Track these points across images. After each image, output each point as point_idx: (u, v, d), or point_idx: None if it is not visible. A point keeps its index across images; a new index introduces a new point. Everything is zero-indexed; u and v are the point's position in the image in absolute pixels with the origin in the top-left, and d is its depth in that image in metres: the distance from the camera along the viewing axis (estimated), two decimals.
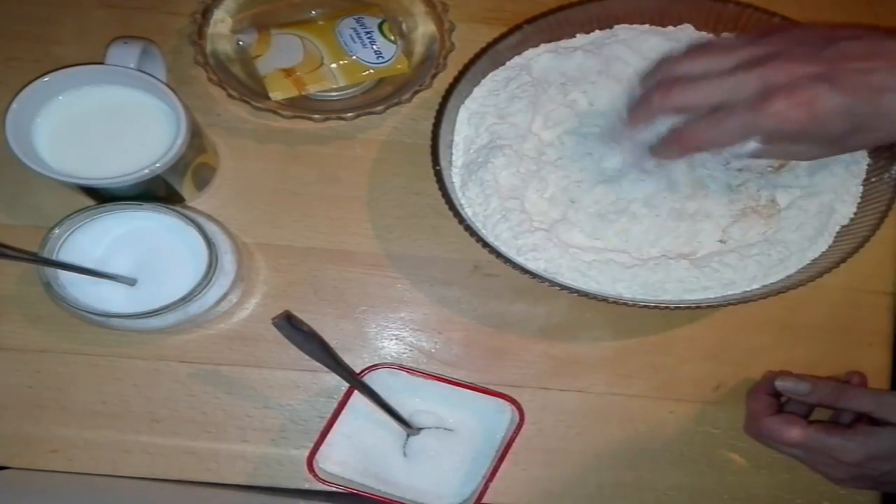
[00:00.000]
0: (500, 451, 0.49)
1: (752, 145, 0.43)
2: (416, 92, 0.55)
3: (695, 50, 0.46)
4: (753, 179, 0.52)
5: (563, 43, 0.57)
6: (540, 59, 0.56)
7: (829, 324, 0.56)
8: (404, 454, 0.51)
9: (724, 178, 0.52)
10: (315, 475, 0.47)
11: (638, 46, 0.55)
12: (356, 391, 0.48)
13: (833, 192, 0.51)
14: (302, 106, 0.56)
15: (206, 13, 0.56)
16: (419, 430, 0.51)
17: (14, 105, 0.46)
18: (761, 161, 0.52)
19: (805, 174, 0.53)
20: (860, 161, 0.52)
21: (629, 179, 0.51)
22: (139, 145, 0.48)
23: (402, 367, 0.50)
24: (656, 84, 0.45)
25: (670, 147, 0.46)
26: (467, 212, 0.51)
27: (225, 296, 0.48)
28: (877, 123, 0.42)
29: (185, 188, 0.52)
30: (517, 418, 0.49)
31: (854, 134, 0.43)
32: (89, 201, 0.49)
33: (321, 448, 0.48)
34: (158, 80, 0.48)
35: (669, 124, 0.45)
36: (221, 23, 0.57)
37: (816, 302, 0.56)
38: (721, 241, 0.52)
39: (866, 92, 0.41)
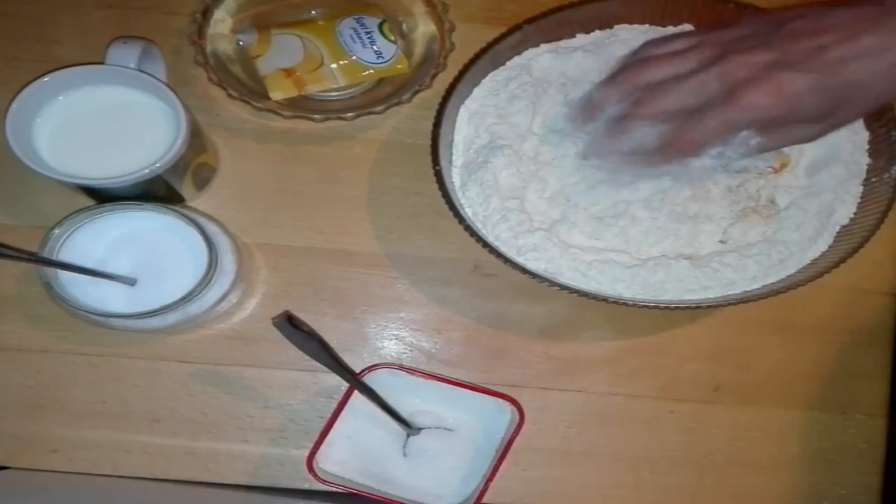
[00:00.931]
0: (500, 451, 0.49)
1: (750, 140, 0.44)
2: (416, 92, 0.55)
3: (653, 55, 0.47)
4: (753, 180, 0.52)
5: (563, 43, 0.56)
6: (540, 59, 0.56)
7: (829, 324, 0.56)
8: (404, 454, 0.51)
9: (724, 180, 0.52)
10: (315, 475, 0.47)
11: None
12: (356, 391, 0.48)
13: (833, 192, 0.51)
14: (302, 106, 0.56)
15: (206, 13, 0.56)
16: (419, 430, 0.51)
17: (14, 105, 0.46)
18: (760, 162, 0.52)
19: (805, 174, 0.53)
20: (860, 161, 0.52)
21: (626, 181, 0.51)
22: (139, 145, 0.48)
23: (402, 367, 0.50)
24: (627, 96, 0.46)
25: (660, 155, 0.47)
26: (467, 212, 0.51)
27: (225, 296, 0.48)
28: (853, 93, 0.42)
29: (185, 188, 0.52)
30: (517, 418, 0.49)
31: (838, 108, 0.43)
32: (89, 201, 0.49)
33: (321, 448, 0.48)
34: (158, 80, 0.48)
35: (645, 133, 0.46)
36: (221, 23, 0.57)
37: (816, 302, 0.56)
38: (721, 241, 0.52)
39: (825, 68, 0.41)
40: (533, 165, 0.52)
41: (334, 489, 0.47)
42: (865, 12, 0.41)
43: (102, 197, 0.48)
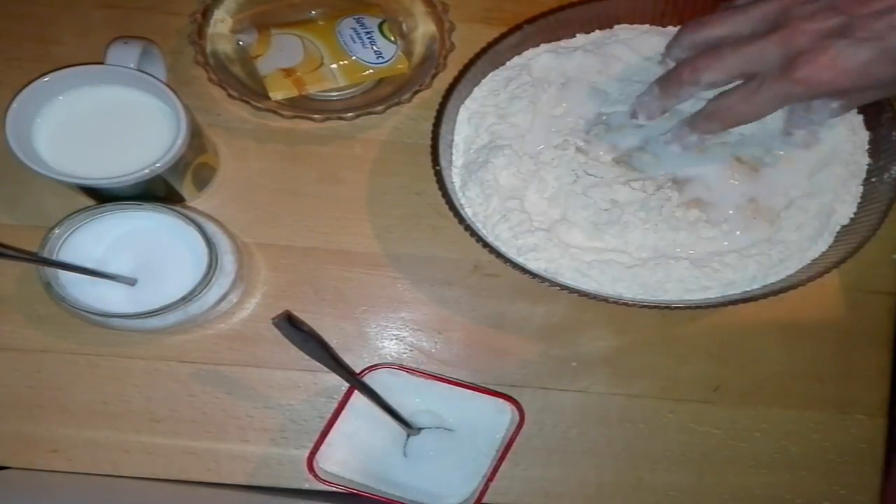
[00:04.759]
0: (500, 451, 0.49)
1: (829, 104, 0.43)
2: (416, 92, 0.55)
3: (716, 15, 0.44)
4: (753, 182, 0.52)
5: (563, 43, 0.57)
6: (540, 59, 0.56)
7: (829, 324, 0.56)
8: (404, 454, 0.51)
9: (723, 186, 0.52)
10: (315, 475, 0.47)
11: (638, 46, 0.55)
12: (356, 391, 0.48)
13: (833, 192, 0.51)
14: (302, 106, 0.56)
15: (206, 13, 0.56)
16: (419, 430, 0.51)
17: (14, 105, 0.46)
18: (764, 160, 0.52)
19: (805, 174, 0.53)
20: (860, 161, 0.52)
21: (621, 184, 0.51)
22: (139, 145, 0.48)
23: (402, 367, 0.50)
24: (683, 59, 0.45)
25: (709, 122, 0.45)
26: (467, 212, 0.51)
27: (225, 296, 0.48)
28: None
29: (185, 188, 0.52)
30: (517, 418, 0.49)
31: None
32: (89, 201, 0.49)
33: (321, 448, 0.48)
34: (158, 80, 0.48)
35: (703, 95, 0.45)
36: (221, 23, 0.57)
37: (816, 302, 0.56)
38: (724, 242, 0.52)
39: (892, 33, 0.39)
40: (533, 165, 0.52)
41: (334, 489, 0.47)
42: None
43: (102, 197, 0.48)
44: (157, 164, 0.46)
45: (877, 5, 0.39)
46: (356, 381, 0.48)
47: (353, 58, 0.56)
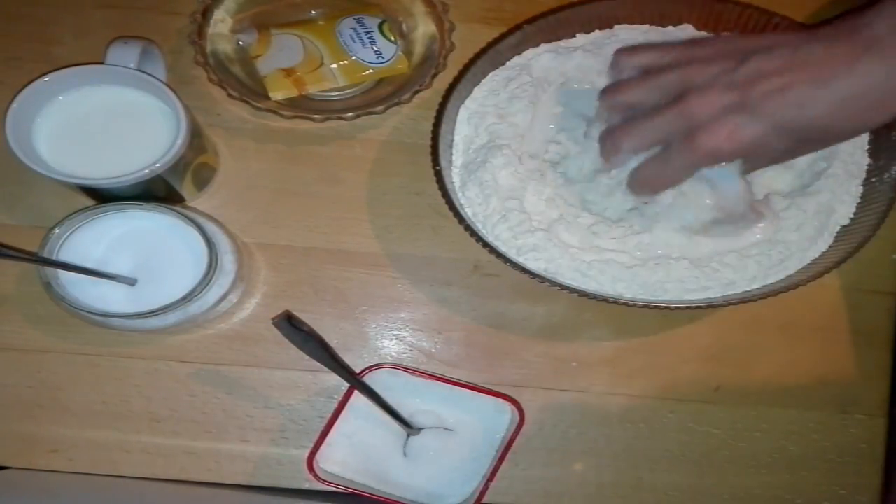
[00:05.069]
0: (500, 451, 0.49)
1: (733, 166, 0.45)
2: (416, 92, 0.55)
3: (627, 83, 0.48)
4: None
5: (563, 43, 0.56)
6: (540, 59, 0.56)
7: (829, 324, 0.56)
8: (404, 454, 0.51)
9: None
10: (315, 475, 0.47)
11: None
12: (356, 391, 0.48)
13: (832, 192, 0.51)
14: (302, 106, 0.56)
15: (206, 13, 0.56)
16: (419, 430, 0.51)
17: (14, 105, 0.46)
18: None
19: (805, 174, 0.52)
20: (860, 161, 0.52)
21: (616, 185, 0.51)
22: (139, 145, 0.48)
23: (402, 367, 0.50)
24: (604, 132, 0.49)
25: (640, 189, 0.49)
26: (467, 212, 0.51)
27: (225, 296, 0.48)
28: (817, 134, 0.43)
29: (185, 188, 0.52)
30: (517, 418, 0.49)
31: (805, 143, 0.44)
32: (89, 201, 0.49)
33: (321, 448, 0.48)
34: (158, 80, 0.48)
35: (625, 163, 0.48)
36: (221, 23, 0.57)
37: (816, 302, 0.56)
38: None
39: (786, 111, 0.41)
40: (532, 165, 0.52)
41: (334, 489, 0.47)
42: (841, 50, 0.40)
43: (102, 197, 0.48)
44: (157, 164, 0.46)
45: (768, 85, 0.41)
46: (356, 381, 0.48)
47: (353, 58, 0.56)
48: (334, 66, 0.56)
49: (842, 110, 0.41)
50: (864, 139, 0.53)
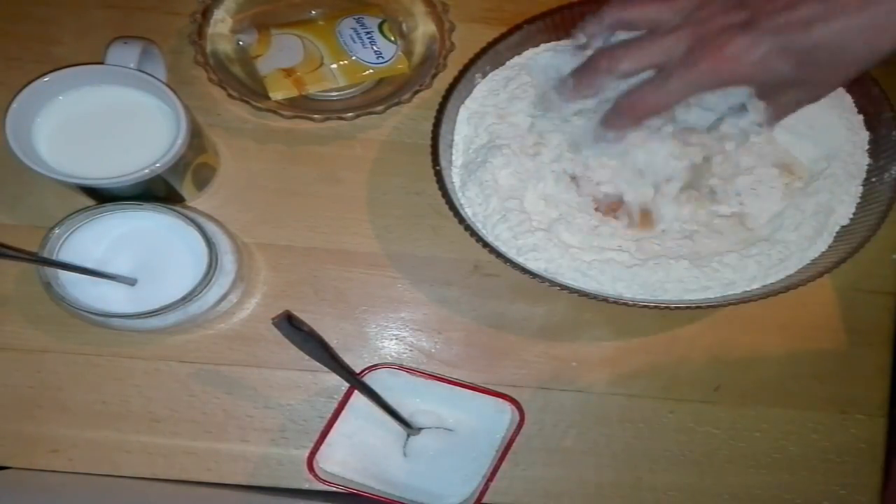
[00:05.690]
0: (500, 451, 0.49)
1: (751, 102, 0.44)
2: (416, 92, 0.55)
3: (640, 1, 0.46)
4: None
5: (563, 43, 0.56)
6: (540, 58, 0.55)
7: (829, 324, 0.56)
8: (404, 454, 0.51)
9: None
10: (315, 475, 0.47)
11: None
12: (356, 391, 0.48)
13: (831, 192, 0.51)
14: (302, 106, 0.56)
15: (206, 13, 0.56)
16: (419, 430, 0.51)
17: (14, 105, 0.46)
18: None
19: (804, 174, 0.52)
20: (860, 161, 0.52)
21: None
22: (139, 145, 0.48)
23: (402, 367, 0.50)
24: (600, 50, 0.46)
25: (621, 116, 0.46)
26: (467, 212, 0.51)
27: (225, 296, 0.48)
28: (824, 56, 0.41)
29: (185, 188, 0.52)
30: (517, 418, 0.49)
31: (812, 71, 0.42)
32: (89, 201, 0.49)
33: (321, 448, 0.48)
34: (158, 80, 0.48)
35: (616, 89, 0.46)
36: (221, 23, 0.57)
37: (816, 302, 0.56)
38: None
39: (791, 28, 0.40)
40: (532, 165, 0.52)
41: (334, 489, 0.47)
42: None
43: (102, 197, 0.48)
44: (157, 164, 0.46)
45: (776, 4, 0.40)
46: (356, 381, 0.48)
47: (353, 58, 0.56)
48: (334, 66, 0.56)
49: (848, 33, 0.39)
50: (864, 139, 0.53)
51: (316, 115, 0.55)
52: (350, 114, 0.54)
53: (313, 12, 0.59)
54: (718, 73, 0.42)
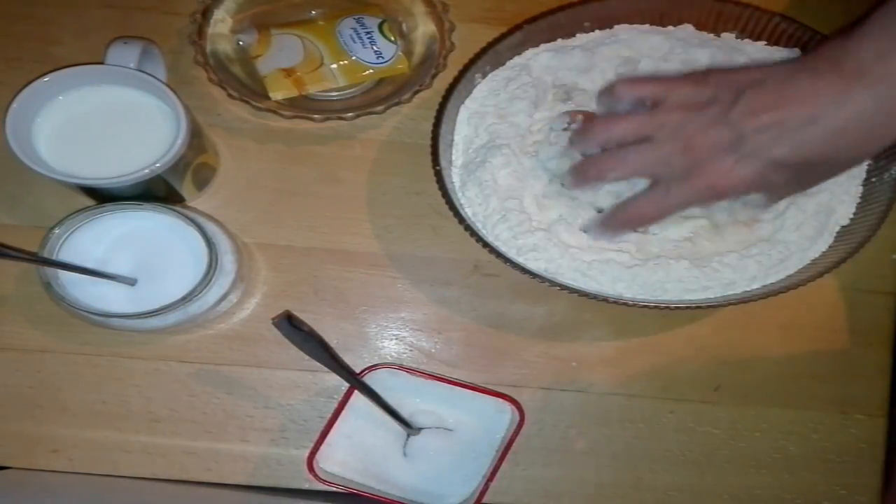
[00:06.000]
0: (500, 451, 0.49)
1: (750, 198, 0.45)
2: (416, 92, 0.55)
3: (623, 119, 0.47)
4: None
5: (563, 43, 0.56)
6: (540, 58, 0.56)
7: (829, 324, 0.56)
8: (404, 454, 0.51)
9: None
10: (315, 475, 0.47)
11: (638, 46, 0.55)
12: (356, 391, 0.48)
13: (832, 192, 0.51)
14: (302, 106, 0.56)
15: (206, 13, 0.56)
16: (419, 430, 0.51)
17: (14, 105, 0.46)
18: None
19: None
20: None
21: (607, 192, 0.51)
22: (139, 145, 0.48)
23: (402, 367, 0.50)
24: (588, 158, 0.48)
25: (617, 226, 0.48)
26: (467, 212, 0.51)
27: (225, 296, 0.48)
28: (819, 166, 0.43)
29: (185, 188, 0.52)
30: (517, 418, 0.49)
31: (804, 177, 0.44)
32: (89, 201, 0.49)
33: (321, 448, 0.48)
34: (158, 80, 0.48)
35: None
36: (221, 23, 0.57)
37: (816, 302, 0.56)
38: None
39: (779, 148, 0.41)
40: (531, 165, 0.52)
41: (334, 489, 0.47)
42: (827, 83, 0.40)
43: (102, 197, 0.48)
44: (157, 164, 0.46)
45: (763, 119, 0.41)
46: (356, 381, 0.48)
47: (353, 58, 0.56)
48: (334, 66, 0.56)
49: (836, 142, 0.40)
50: None
51: (316, 115, 0.55)
52: (350, 114, 0.54)
53: (313, 12, 0.59)
54: (719, 188, 0.43)
